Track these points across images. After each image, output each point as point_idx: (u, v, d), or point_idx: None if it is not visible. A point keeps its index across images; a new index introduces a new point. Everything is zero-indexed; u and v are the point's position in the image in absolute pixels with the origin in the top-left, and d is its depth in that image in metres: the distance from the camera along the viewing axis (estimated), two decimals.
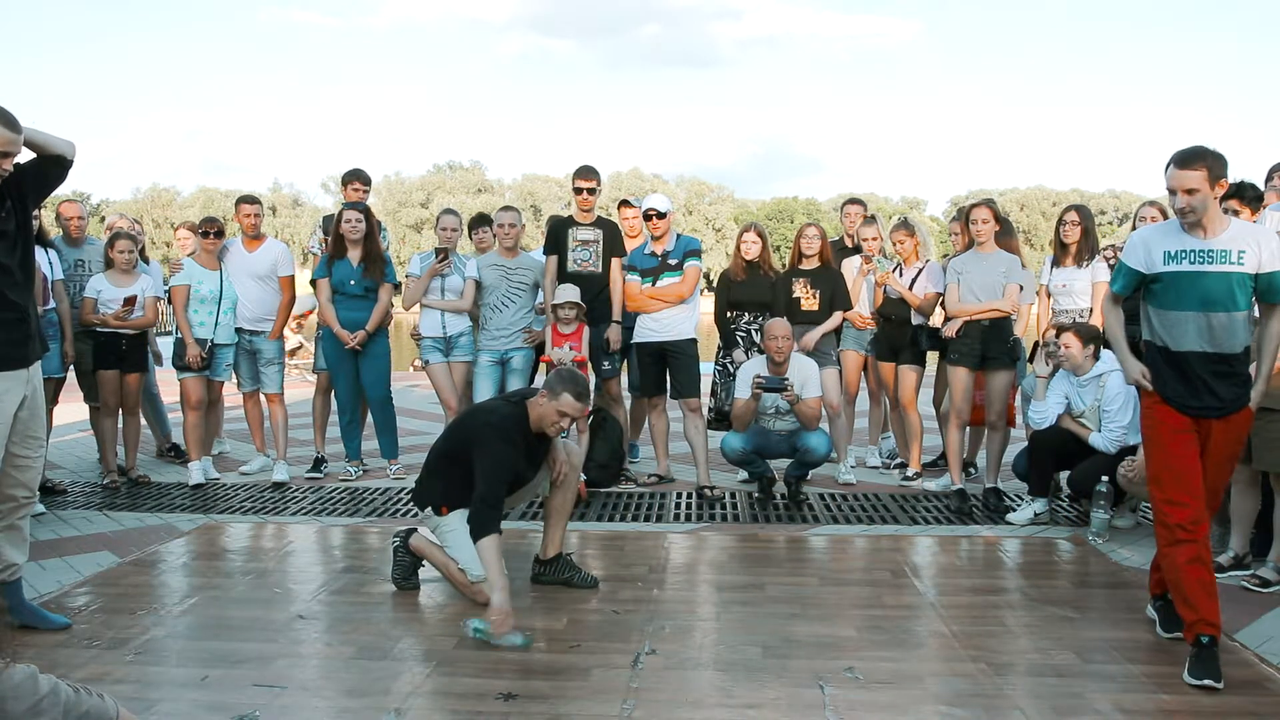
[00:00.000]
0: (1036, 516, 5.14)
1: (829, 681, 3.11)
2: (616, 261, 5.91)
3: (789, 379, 5.36)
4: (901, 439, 6.39)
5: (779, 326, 5.42)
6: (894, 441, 6.63)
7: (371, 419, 6.34)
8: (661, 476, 6.10)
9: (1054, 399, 5.13)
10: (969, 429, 5.90)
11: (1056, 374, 5.16)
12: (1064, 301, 5.67)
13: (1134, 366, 3.43)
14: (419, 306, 6.16)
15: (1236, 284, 3.21)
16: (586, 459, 5.82)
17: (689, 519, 5.30)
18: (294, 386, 6.98)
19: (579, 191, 5.94)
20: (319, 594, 4.01)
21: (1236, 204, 4.37)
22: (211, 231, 6.07)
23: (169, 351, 6.37)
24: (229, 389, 6.52)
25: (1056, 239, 5.81)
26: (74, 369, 5.93)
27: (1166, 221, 3.49)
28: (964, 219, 5.72)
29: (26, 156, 3.32)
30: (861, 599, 3.96)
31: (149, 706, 2.90)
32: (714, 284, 6.43)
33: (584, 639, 3.51)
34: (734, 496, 5.79)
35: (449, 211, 6.39)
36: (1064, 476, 5.31)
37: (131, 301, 5.79)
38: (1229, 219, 3.34)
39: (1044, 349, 5.35)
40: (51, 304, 5.48)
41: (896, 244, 6.09)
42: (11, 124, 3.12)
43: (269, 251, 6.30)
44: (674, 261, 5.88)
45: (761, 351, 5.63)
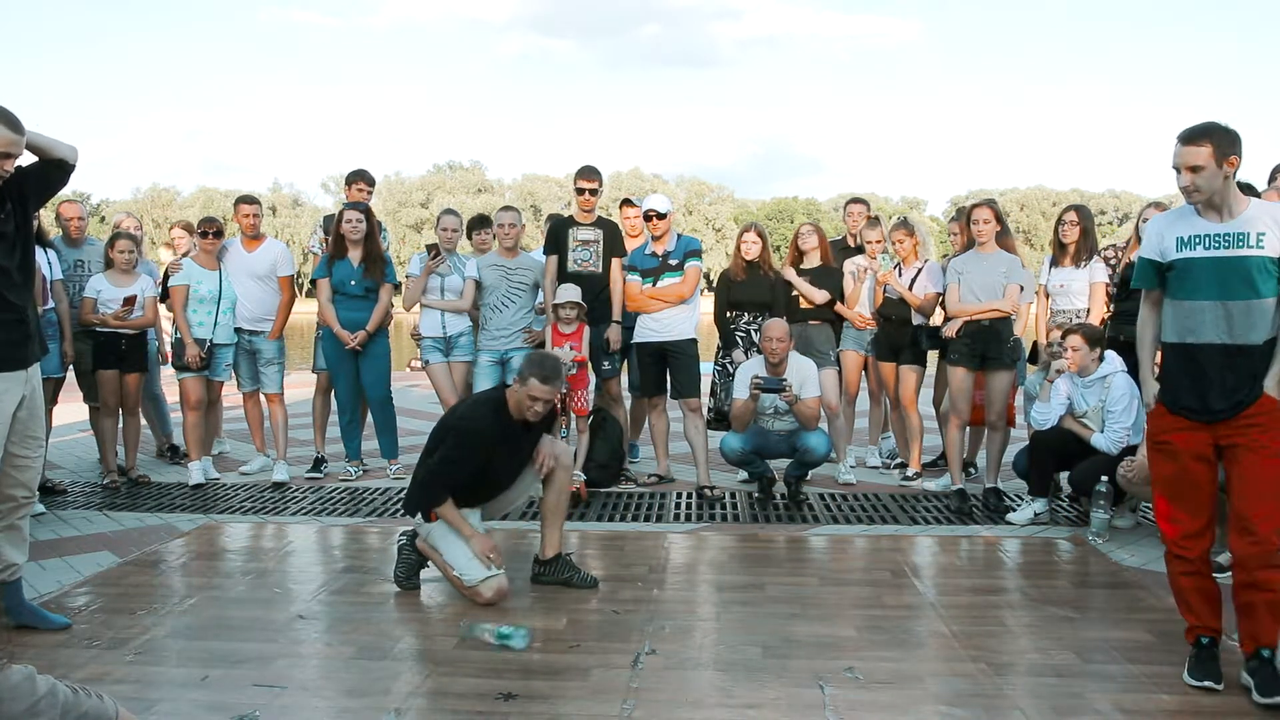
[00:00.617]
0: (1036, 516, 5.13)
1: (829, 681, 3.11)
2: (616, 261, 5.91)
3: (787, 379, 5.36)
4: (901, 439, 6.39)
5: (775, 328, 5.42)
6: (894, 441, 6.63)
7: (371, 419, 6.34)
8: (661, 476, 6.10)
9: (1056, 399, 5.13)
10: (969, 429, 5.89)
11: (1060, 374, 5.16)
12: (1061, 301, 5.68)
13: (1151, 389, 3.24)
14: (419, 306, 6.17)
15: (1256, 268, 2.97)
16: (587, 459, 5.83)
17: (689, 519, 5.30)
18: (293, 386, 6.97)
19: (581, 192, 5.94)
20: (319, 594, 4.01)
21: None
22: (210, 231, 6.07)
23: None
24: (229, 389, 6.52)
25: (1055, 239, 5.84)
26: (73, 369, 5.93)
27: (1181, 206, 3.20)
28: (965, 219, 5.73)
29: (29, 159, 3.33)
30: (861, 599, 3.96)
31: (149, 706, 2.90)
32: (714, 284, 6.43)
33: (584, 639, 3.51)
34: (734, 496, 5.79)
35: (449, 212, 6.39)
36: (1064, 477, 5.31)
37: (131, 301, 5.79)
38: (1248, 200, 3.08)
39: (1048, 350, 5.35)
40: (50, 304, 5.48)
41: (895, 244, 6.09)
42: (13, 125, 3.13)
43: (268, 251, 6.30)
44: (674, 262, 5.88)
45: (760, 351, 5.63)
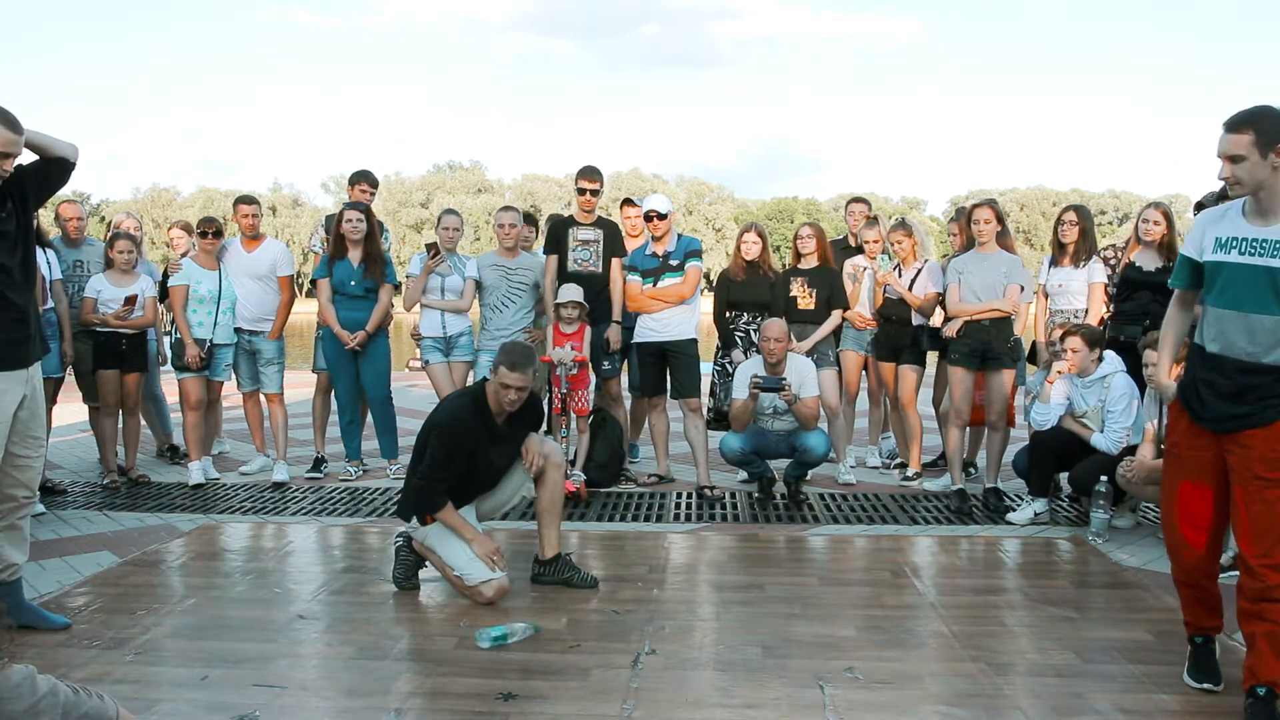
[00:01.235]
0: (1036, 516, 5.13)
1: (829, 681, 3.11)
2: (617, 261, 5.91)
3: (786, 379, 5.36)
4: (901, 439, 6.38)
5: (774, 328, 5.41)
6: (894, 441, 6.63)
7: (371, 419, 6.34)
8: (661, 476, 6.10)
9: (1056, 399, 5.13)
10: (969, 429, 5.89)
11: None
12: (1060, 302, 5.68)
13: (1169, 389, 3.08)
14: (419, 306, 6.16)
15: None
16: (587, 459, 5.83)
17: (689, 519, 5.30)
18: (293, 386, 6.97)
19: (582, 192, 5.94)
20: (319, 594, 4.01)
21: None
22: (210, 231, 6.06)
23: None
24: (229, 389, 6.52)
25: (1055, 239, 5.84)
26: (73, 369, 5.92)
27: (1231, 202, 2.92)
28: (965, 219, 5.73)
29: (29, 158, 3.33)
30: (861, 599, 3.96)
31: (149, 706, 2.90)
32: (714, 284, 6.43)
33: (584, 639, 3.51)
34: (734, 496, 5.79)
35: (450, 211, 6.39)
36: (1064, 477, 5.31)
37: (131, 301, 5.79)
38: None
39: (1048, 350, 5.35)
40: (50, 304, 5.48)
41: (894, 244, 6.09)
42: (12, 125, 3.13)
43: (268, 251, 6.30)
44: (675, 262, 5.88)
45: (760, 351, 5.63)
